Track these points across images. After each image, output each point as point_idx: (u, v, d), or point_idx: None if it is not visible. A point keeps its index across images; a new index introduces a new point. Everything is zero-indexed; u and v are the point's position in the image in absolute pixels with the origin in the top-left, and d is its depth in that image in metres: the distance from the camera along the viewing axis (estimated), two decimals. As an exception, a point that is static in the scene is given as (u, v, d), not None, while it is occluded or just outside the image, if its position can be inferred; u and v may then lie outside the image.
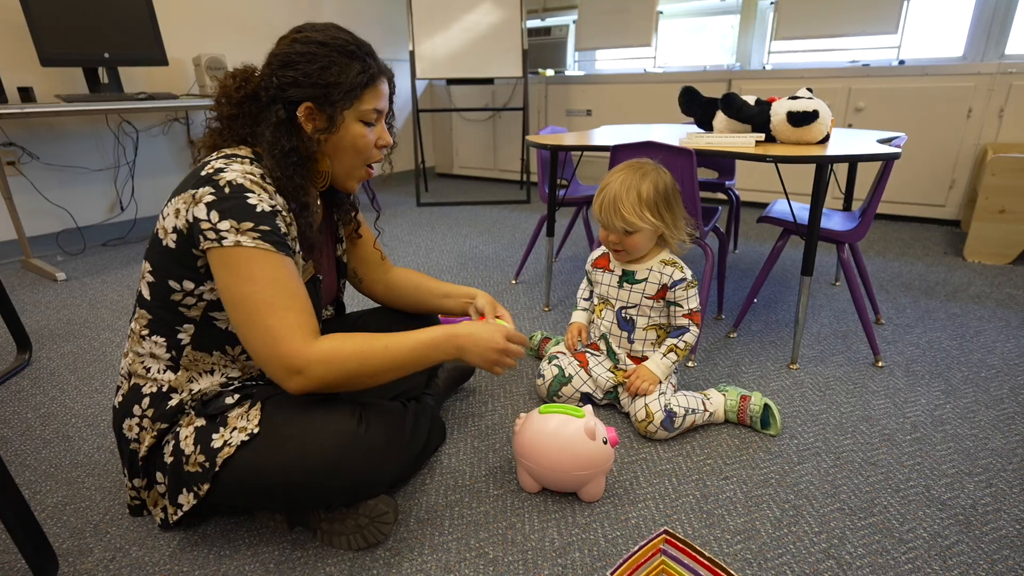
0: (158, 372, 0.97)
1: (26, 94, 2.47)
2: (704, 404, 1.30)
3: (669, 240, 1.31)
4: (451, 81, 3.81)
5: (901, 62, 3.13)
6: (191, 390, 0.97)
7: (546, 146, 1.78)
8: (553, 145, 1.77)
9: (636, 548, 0.84)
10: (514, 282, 2.33)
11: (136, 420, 0.97)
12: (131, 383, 0.99)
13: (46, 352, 1.77)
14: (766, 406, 1.30)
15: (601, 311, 1.41)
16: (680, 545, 0.85)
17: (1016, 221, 2.41)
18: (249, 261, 0.86)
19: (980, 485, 1.14)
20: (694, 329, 1.33)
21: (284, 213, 0.92)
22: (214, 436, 0.92)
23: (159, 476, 0.97)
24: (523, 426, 1.11)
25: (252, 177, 0.90)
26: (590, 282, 1.48)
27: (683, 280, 1.30)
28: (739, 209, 2.42)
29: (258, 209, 0.87)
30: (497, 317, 1.21)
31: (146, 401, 0.97)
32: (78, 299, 2.21)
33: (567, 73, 4.20)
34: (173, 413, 0.96)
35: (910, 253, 2.65)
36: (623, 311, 1.36)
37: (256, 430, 0.90)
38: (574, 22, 4.16)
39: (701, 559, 0.83)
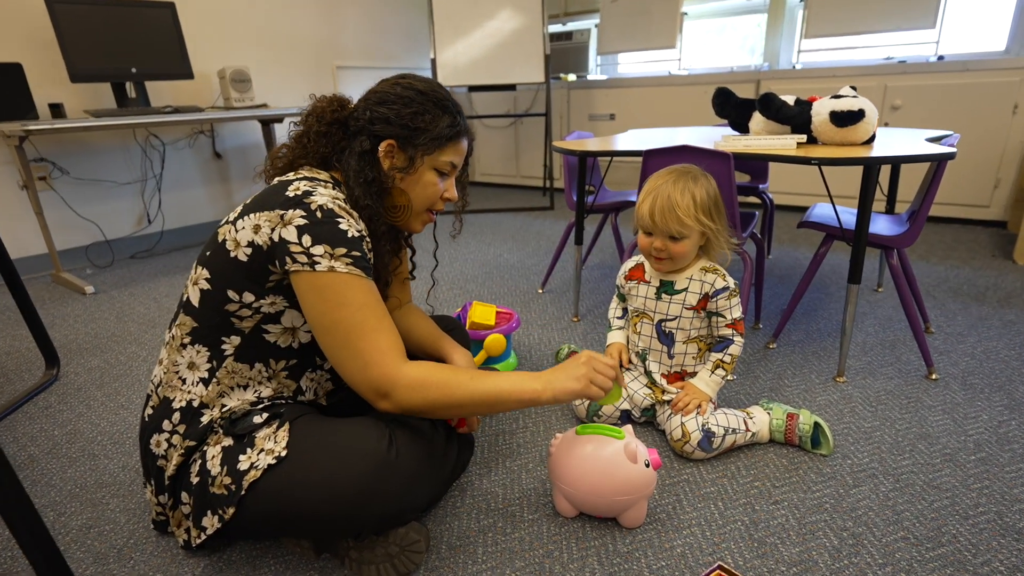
0: (192, 383, 0.95)
1: (56, 110, 2.50)
2: (746, 423, 1.23)
3: (713, 249, 1.24)
4: (473, 88, 3.79)
5: (940, 58, 3.00)
6: (222, 406, 0.95)
7: (575, 152, 1.73)
8: (583, 151, 1.71)
9: (688, 585, 0.77)
10: (541, 291, 2.27)
11: (166, 436, 0.95)
12: (161, 396, 0.97)
13: (74, 367, 1.77)
14: (816, 424, 1.22)
15: (637, 324, 1.34)
16: (736, 582, 0.79)
17: (1071, 222, 2.28)
18: (343, 286, 0.86)
19: (1058, 511, 1.04)
20: (739, 340, 1.26)
21: (368, 240, 0.94)
22: (241, 457, 0.88)
23: (184, 496, 0.93)
24: (559, 447, 1.05)
25: (339, 203, 0.91)
26: (622, 297, 1.41)
27: (726, 289, 1.23)
28: (773, 213, 2.33)
29: (349, 235, 0.88)
30: None
31: (176, 416, 0.94)
32: (106, 312, 2.22)
33: (589, 77, 4.15)
34: (204, 432, 0.93)
35: (955, 256, 2.53)
36: (663, 324, 1.29)
37: (284, 453, 0.87)
38: (596, 26, 4.11)
39: (760, 598, 0.76)
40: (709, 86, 3.53)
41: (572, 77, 4.15)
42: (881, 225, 1.63)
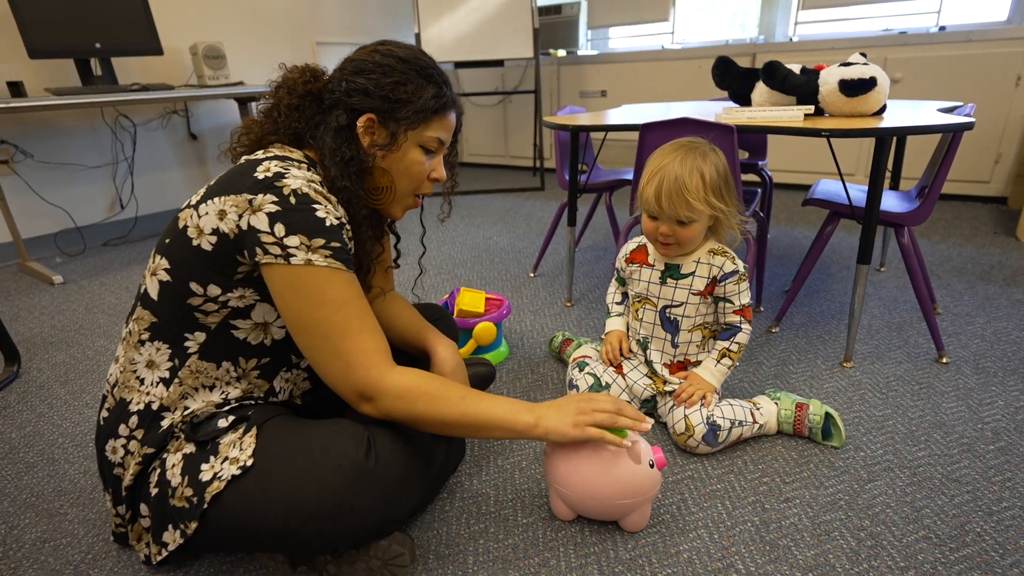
0: (151, 384, 0.85)
1: (16, 89, 2.34)
2: (753, 415, 1.15)
3: (723, 229, 1.15)
4: (459, 64, 3.65)
5: (941, 28, 2.91)
6: (184, 408, 0.85)
7: (567, 127, 1.62)
8: (575, 126, 1.61)
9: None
10: (532, 275, 2.18)
11: (122, 442, 0.85)
12: (118, 397, 0.87)
13: (37, 363, 1.66)
14: (827, 415, 1.15)
15: (639, 311, 1.25)
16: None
17: (1077, 197, 2.21)
18: (322, 282, 0.78)
19: (1085, 505, 0.98)
20: (746, 327, 1.17)
21: (348, 226, 0.86)
22: (203, 466, 0.79)
23: (143, 508, 0.84)
24: (555, 447, 0.97)
25: (315, 186, 0.81)
26: (621, 281, 1.32)
27: (735, 272, 1.14)
28: (772, 191, 2.25)
29: (327, 223, 0.79)
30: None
31: (134, 420, 0.85)
32: (74, 303, 2.11)
33: (580, 53, 4.01)
34: (163, 437, 0.84)
35: (957, 234, 2.46)
36: (667, 310, 1.20)
37: (250, 462, 0.78)
38: (586, -2, 3.96)
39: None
40: (703, 60, 3.42)
41: (562, 53, 4.01)
42: (890, 202, 1.55)
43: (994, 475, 1.06)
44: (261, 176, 0.79)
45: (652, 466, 0.92)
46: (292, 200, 0.77)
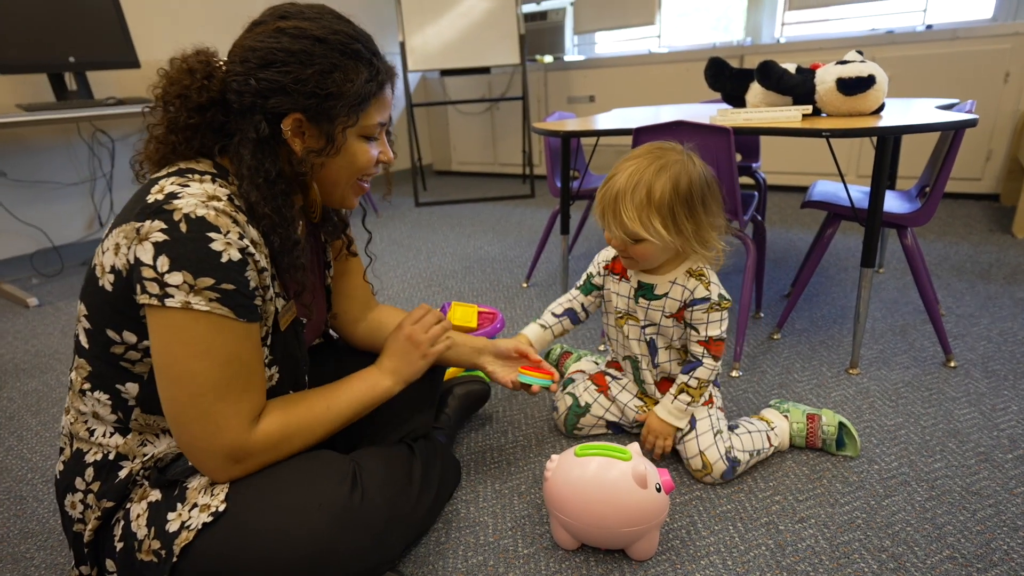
0: (103, 436, 0.77)
1: (-15, 105, 2.27)
2: (769, 438, 1.09)
3: (691, 255, 1.04)
4: (445, 72, 3.61)
5: (928, 27, 2.90)
6: (144, 455, 0.78)
7: (558, 133, 1.57)
8: (566, 131, 1.56)
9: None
10: (525, 286, 2.13)
11: (80, 496, 0.78)
12: (73, 448, 0.79)
13: (7, 391, 1.58)
14: (840, 425, 1.10)
15: (624, 327, 1.14)
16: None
17: (1071, 192, 2.20)
18: (203, 330, 0.67)
19: (1113, 516, 0.93)
20: (708, 362, 1.05)
21: (257, 255, 0.72)
22: (170, 516, 0.72)
23: (109, 565, 0.77)
24: (556, 472, 0.91)
25: (217, 204, 0.68)
26: (587, 290, 1.19)
27: (705, 300, 1.03)
28: (766, 193, 2.21)
29: (224, 258, 0.66)
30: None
31: (90, 472, 0.77)
32: (50, 327, 2.02)
33: (566, 58, 3.98)
34: (123, 487, 0.76)
35: (952, 232, 2.44)
36: (644, 329, 1.12)
37: (222, 507, 0.71)
38: (571, 4, 3.94)
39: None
40: (691, 63, 3.39)
41: (548, 59, 3.98)
42: (891, 202, 1.51)
43: (1015, 486, 1.01)
44: (152, 199, 0.67)
45: (659, 490, 0.86)
46: (183, 227, 0.65)
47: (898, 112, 1.40)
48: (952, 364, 1.40)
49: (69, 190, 2.74)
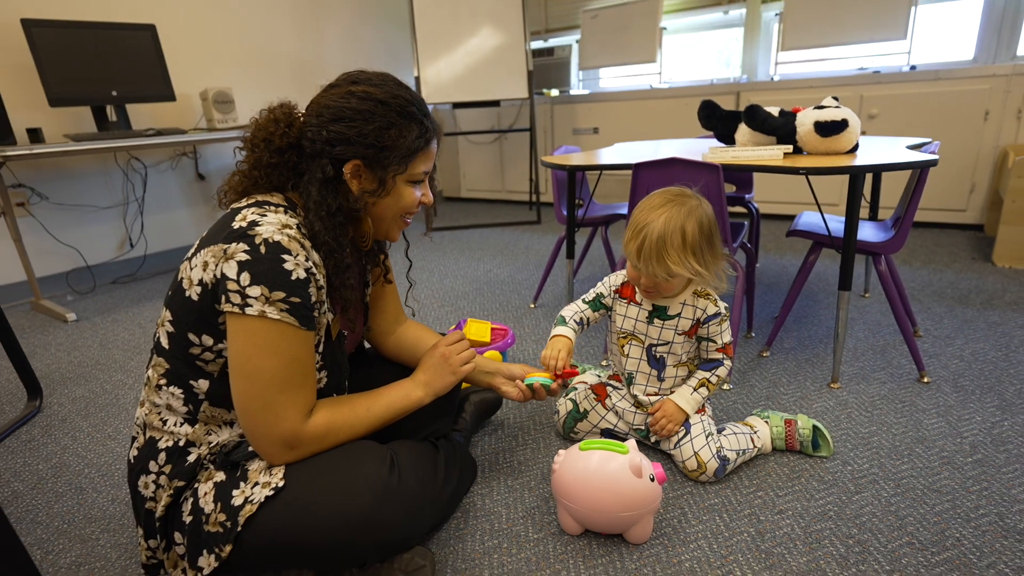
0: (175, 425, 0.91)
1: (35, 135, 2.46)
2: (753, 440, 1.22)
3: (706, 284, 1.17)
4: (457, 105, 3.81)
5: (912, 67, 3.09)
6: (210, 443, 0.91)
7: (565, 167, 1.74)
8: (572, 165, 1.72)
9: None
10: (533, 306, 2.27)
11: (152, 477, 0.91)
12: (147, 436, 0.93)
13: (57, 397, 1.72)
14: (814, 427, 1.23)
15: (625, 347, 1.27)
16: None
17: (1046, 223, 2.34)
18: (275, 335, 0.81)
19: (1056, 511, 1.06)
20: (727, 363, 1.23)
21: (318, 275, 0.87)
22: (234, 492, 0.85)
23: (177, 536, 0.90)
24: (562, 464, 1.04)
25: (289, 231, 0.83)
26: (595, 307, 1.30)
27: (717, 315, 1.19)
28: (759, 222, 2.36)
29: (293, 276, 0.81)
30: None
31: (163, 456, 0.90)
32: (89, 340, 2.17)
33: (572, 92, 4.19)
34: (192, 470, 0.90)
35: (937, 260, 2.58)
36: (653, 348, 1.24)
37: (281, 483, 0.84)
38: (577, 42, 4.17)
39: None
40: (690, 99, 3.59)
41: (555, 92, 4.19)
42: (867, 232, 1.66)
43: (972, 485, 1.13)
44: (237, 225, 0.81)
45: (653, 480, 0.99)
46: (262, 249, 0.79)
47: (871, 151, 1.55)
48: (925, 380, 1.53)
49: (103, 213, 2.92)
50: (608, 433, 1.33)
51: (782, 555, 0.99)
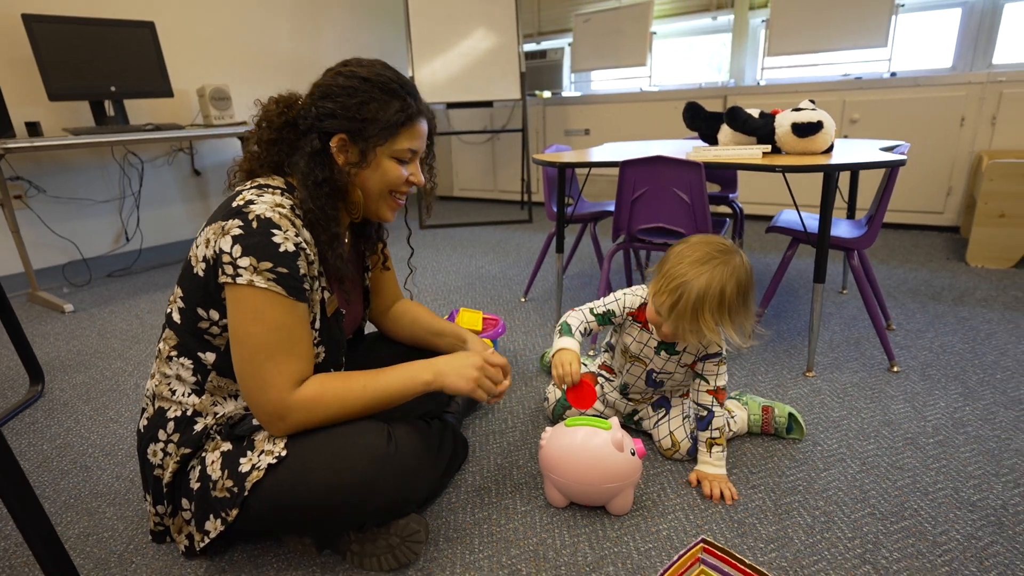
0: (183, 395, 0.97)
1: (33, 128, 2.49)
2: (729, 424, 1.29)
3: (732, 340, 1.10)
4: (451, 105, 3.87)
5: (893, 74, 3.19)
6: (216, 414, 0.97)
7: (555, 163, 1.81)
8: (562, 163, 1.79)
9: (675, 558, 0.83)
10: (523, 300, 2.33)
11: (161, 445, 0.96)
12: (156, 406, 0.98)
13: (58, 383, 1.76)
14: (790, 415, 1.30)
15: (628, 366, 1.30)
16: (719, 554, 0.85)
17: (1016, 225, 2.44)
18: (261, 302, 0.86)
19: (1008, 486, 1.13)
20: (718, 410, 1.18)
21: (308, 250, 0.92)
22: (242, 460, 0.91)
23: (184, 503, 0.96)
24: (549, 440, 1.10)
25: (282, 210, 0.89)
26: (604, 320, 1.26)
27: (717, 355, 1.19)
28: (743, 221, 2.44)
29: (281, 248, 0.86)
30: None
31: (171, 425, 0.96)
32: (87, 330, 2.21)
33: (564, 94, 4.27)
34: (198, 438, 0.95)
35: (913, 260, 2.67)
36: (654, 374, 1.27)
37: (284, 452, 0.90)
38: (569, 44, 4.25)
39: (741, 567, 0.82)
40: (679, 102, 3.68)
41: (547, 94, 4.27)
42: (842, 229, 1.74)
43: (932, 463, 1.21)
44: (235, 204, 0.88)
45: (634, 454, 1.06)
46: (254, 225, 0.85)
47: (845, 152, 1.63)
48: (895, 369, 1.61)
49: (100, 207, 2.96)
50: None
51: (753, 524, 1.06)
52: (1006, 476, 1.16)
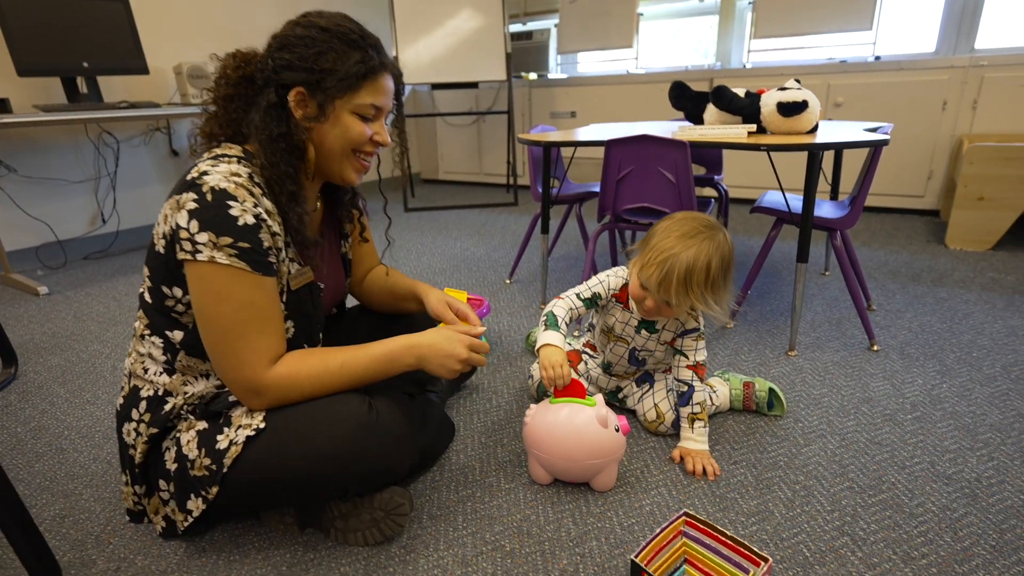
0: (155, 374, 0.95)
1: (2, 105, 2.41)
2: (711, 398, 1.30)
3: (710, 316, 1.12)
4: (436, 86, 3.82)
5: (877, 58, 3.20)
6: (186, 393, 0.95)
7: (540, 143, 1.79)
8: (547, 142, 1.77)
9: (658, 531, 0.83)
10: (508, 281, 2.32)
11: (134, 424, 0.95)
12: (131, 384, 0.96)
13: (32, 366, 1.72)
14: (771, 390, 1.31)
15: (611, 345, 1.31)
16: (701, 526, 0.85)
17: (994, 208, 2.47)
18: (226, 280, 0.83)
19: (982, 459, 1.16)
20: (698, 385, 1.19)
21: (270, 221, 0.88)
22: (218, 437, 0.89)
23: (161, 483, 0.94)
24: (534, 416, 1.10)
25: (237, 179, 0.85)
26: (590, 304, 1.24)
27: (695, 330, 1.21)
28: (728, 203, 2.45)
29: (240, 222, 0.83)
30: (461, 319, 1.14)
31: (143, 405, 0.94)
32: (62, 312, 2.16)
33: (550, 76, 4.23)
34: (166, 419, 0.93)
35: (894, 242, 2.71)
36: (636, 352, 1.29)
37: (262, 425, 0.88)
38: (555, 26, 4.20)
39: (723, 539, 0.83)
40: (665, 84, 3.65)
41: (533, 76, 4.22)
42: (826, 210, 1.75)
43: (910, 438, 1.23)
44: (190, 176, 0.85)
45: (618, 431, 1.06)
46: (209, 197, 0.82)
47: (829, 132, 1.64)
48: (875, 348, 1.63)
49: (75, 187, 2.88)
50: None
51: (735, 499, 1.07)
52: (980, 450, 1.18)
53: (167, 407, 0.93)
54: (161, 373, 0.94)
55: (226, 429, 0.90)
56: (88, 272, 2.69)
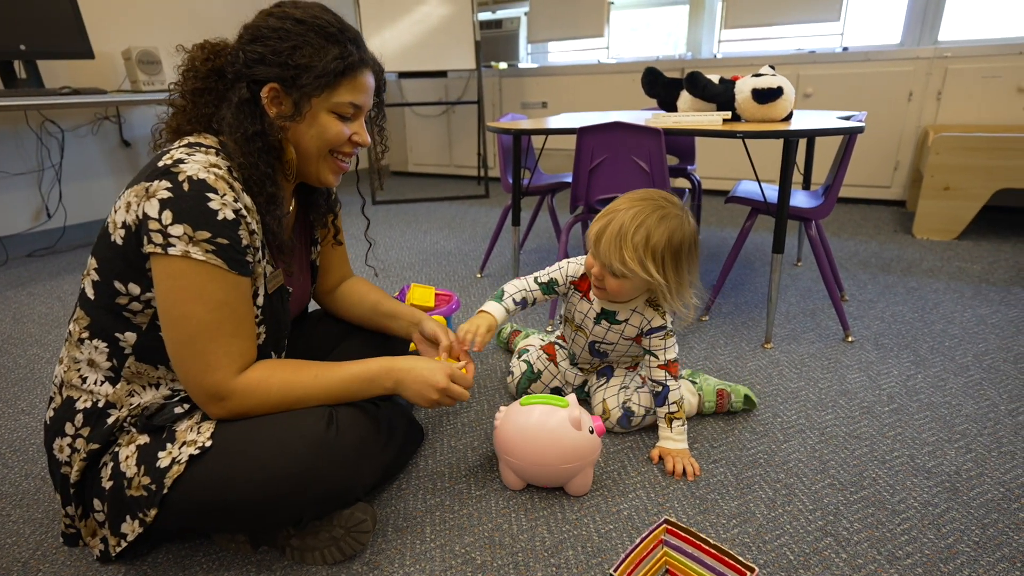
0: (95, 383, 0.85)
1: (-71, 91, 2.23)
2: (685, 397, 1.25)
3: (663, 302, 1.12)
4: (403, 75, 3.71)
5: (845, 48, 3.22)
6: (131, 405, 0.86)
7: (510, 131, 1.72)
8: (517, 129, 1.71)
9: (638, 541, 0.78)
10: (479, 276, 2.26)
11: (68, 440, 0.85)
12: (64, 395, 0.87)
13: (-37, 373, 1.59)
14: (746, 397, 1.27)
15: (572, 336, 1.27)
16: (682, 535, 0.80)
17: (959, 198, 2.50)
18: (201, 277, 0.76)
19: (960, 451, 1.14)
20: (672, 383, 1.14)
21: (249, 218, 0.81)
22: (160, 454, 0.81)
23: (96, 503, 0.85)
24: (504, 420, 1.04)
25: (217, 171, 0.78)
26: (547, 289, 1.22)
27: (662, 328, 1.15)
28: (701, 194, 2.42)
29: (219, 216, 0.76)
30: (452, 357, 1.08)
31: (80, 418, 0.85)
32: (1, 314, 2.01)
33: (520, 66, 4.15)
34: (109, 433, 0.84)
35: (863, 232, 2.72)
36: (596, 344, 1.23)
37: (208, 443, 0.80)
38: (525, 14, 4.11)
39: (706, 547, 0.78)
40: (637, 74, 3.61)
41: (503, 65, 4.14)
42: (800, 199, 1.72)
43: (888, 431, 1.21)
44: (162, 164, 0.77)
45: (592, 432, 1.01)
46: (186, 187, 0.75)
47: (804, 120, 1.61)
48: (850, 339, 1.62)
49: (15, 180, 2.70)
50: (558, 392, 1.34)
51: (715, 500, 1.03)
52: (958, 442, 1.17)
53: (110, 420, 0.84)
54: (103, 382, 0.85)
55: (169, 445, 0.82)
56: (31, 270, 2.52)
